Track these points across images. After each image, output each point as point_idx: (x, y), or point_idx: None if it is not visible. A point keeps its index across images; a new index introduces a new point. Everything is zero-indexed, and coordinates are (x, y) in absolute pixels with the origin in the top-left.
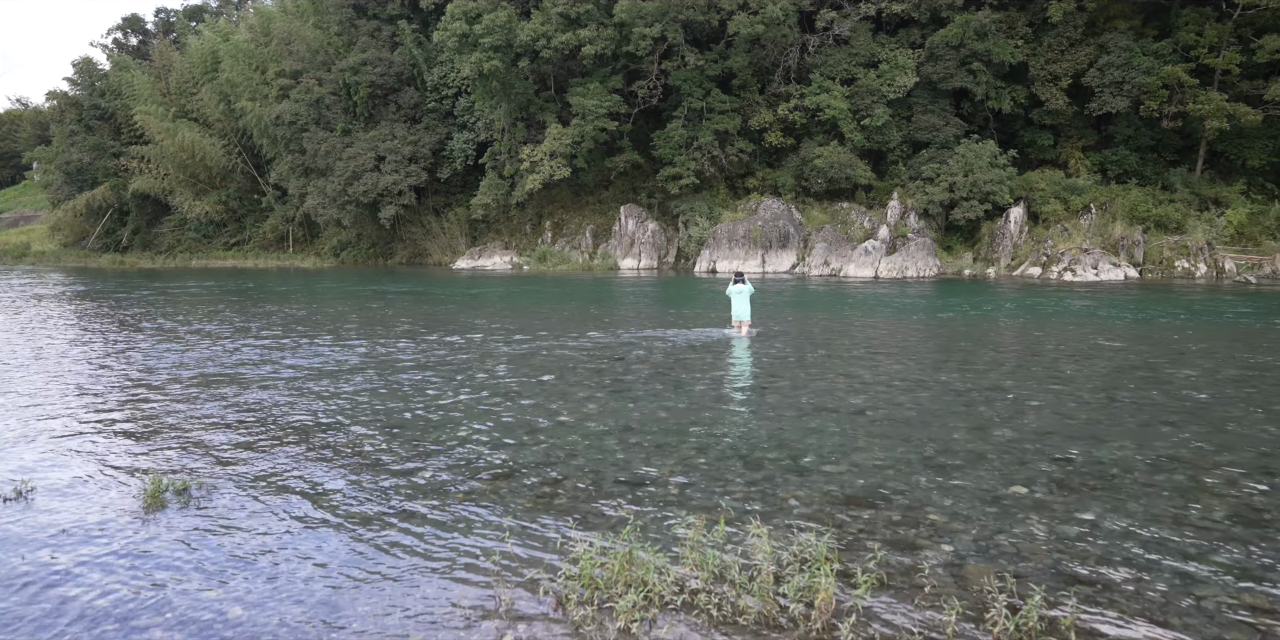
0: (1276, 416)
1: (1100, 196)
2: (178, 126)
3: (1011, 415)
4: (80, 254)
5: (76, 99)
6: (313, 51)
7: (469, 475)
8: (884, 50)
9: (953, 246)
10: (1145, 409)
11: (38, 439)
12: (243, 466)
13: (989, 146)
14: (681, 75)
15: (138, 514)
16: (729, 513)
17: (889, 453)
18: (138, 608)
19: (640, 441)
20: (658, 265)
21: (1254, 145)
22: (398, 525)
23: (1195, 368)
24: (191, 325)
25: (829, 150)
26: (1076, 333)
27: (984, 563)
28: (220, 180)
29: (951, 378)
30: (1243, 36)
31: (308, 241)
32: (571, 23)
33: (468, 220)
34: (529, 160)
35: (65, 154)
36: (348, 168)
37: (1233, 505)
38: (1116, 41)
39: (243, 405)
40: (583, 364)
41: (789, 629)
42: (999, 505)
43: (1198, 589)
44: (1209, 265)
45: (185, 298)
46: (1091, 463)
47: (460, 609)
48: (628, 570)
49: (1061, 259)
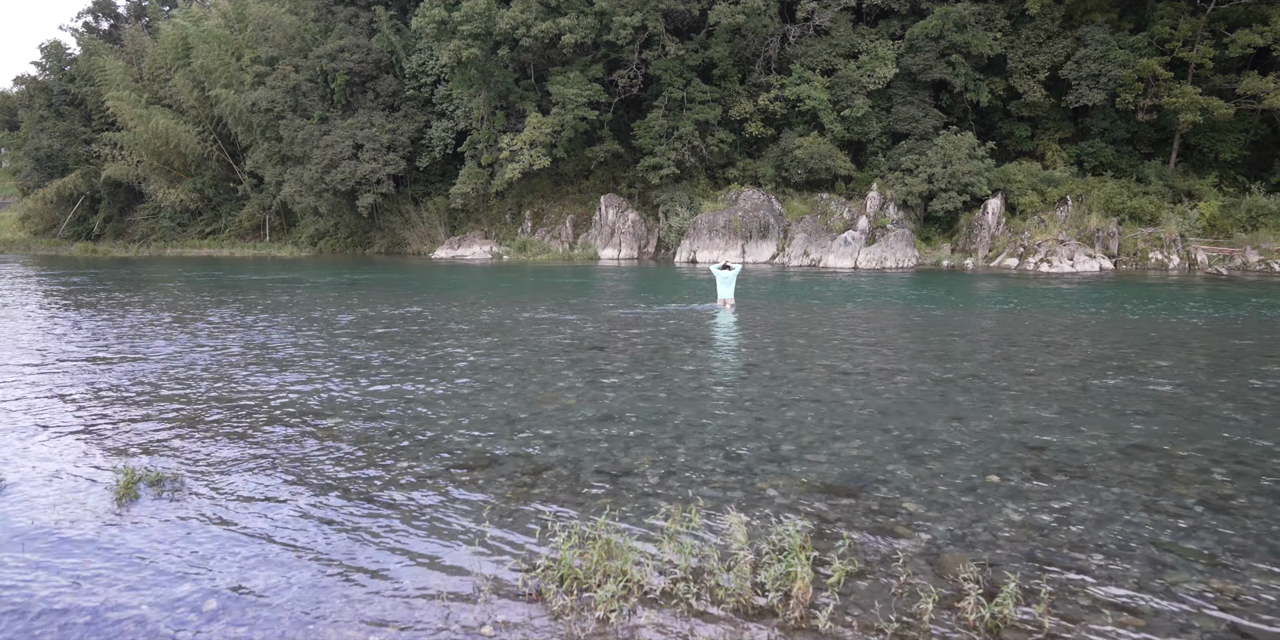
0: (1247, 405)
1: (1076, 188)
2: (151, 113)
3: (988, 404)
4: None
5: (46, 84)
6: (289, 38)
7: (448, 466)
8: (864, 41)
9: (931, 237)
10: (1118, 398)
11: (5, 431)
12: (218, 458)
13: (967, 138)
14: (662, 65)
15: (111, 506)
16: (708, 502)
17: (867, 442)
18: (110, 601)
19: (620, 431)
20: (638, 255)
21: (1226, 138)
22: (376, 516)
23: (1168, 357)
24: (167, 315)
25: (809, 141)
26: (1052, 323)
27: (960, 551)
28: (195, 168)
29: (929, 367)
30: (1216, 31)
31: (285, 230)
32: (551, 11)
33: (447, 209)
34: (509, 149)
35: (34, 140)
36: (325, 155)
37: (1203, 493)
38: (1093, 34)
39: (218, 396)
40: (562, 353)
41: (767, 617)
42: (975, 494)
43: (1169, 575)
44: (1182, 257)
45: (160, 287)
46: (1066, 451)
47: (439, 599)
48: (607, 560)
49: (1038, 250)
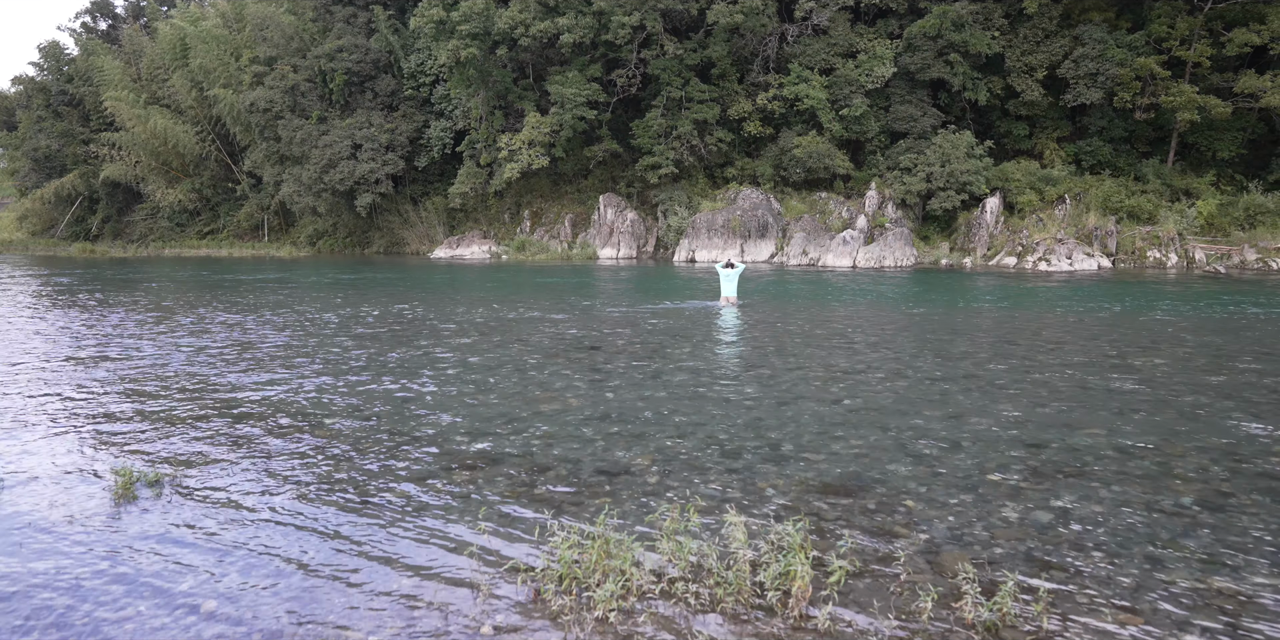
0: (1245, 404)
1: (1074, 187)
2: (149, 113)
3: (986, 403)
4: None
5: (44, 84)
6: (287, 38)
7: (447, 466)
8: (862, 40)
9: (930, 236)
10: (1116, 397)
11: (5, 431)
12: (216, 458)
13: (965, 137)
14: (660, 64)
15: (109, 507)
16: (707, 502)
17: (866, 441)
18: (109, 602)
19: (619, 431)
20: (637, 254)
21: (1224, 137)
22: (374, 516)
23: (1166, 356)
24: (165, 316)
25: (807, 140)
26: (1050, 322)
27: (959, 549)
28: (193, 168)
29: (927, 366)
30: (1213, 30)
31: (283, 230)
32: (550, 10)
33: (445, 209)
34: (507, 149)
35: (33, 140)
36: (324, 155)
37: (1201, 491)
38: (1091, 33)
39: (215, 397)
40: (561, 353)
41: (766, 617)
42: (974, 493)
43: (1167, 574)
44: (1180, 255)
45: (157, 286)
46: (1065, 450)
47: (438, 600)
48: (606, 560)
49: (1036, 249)
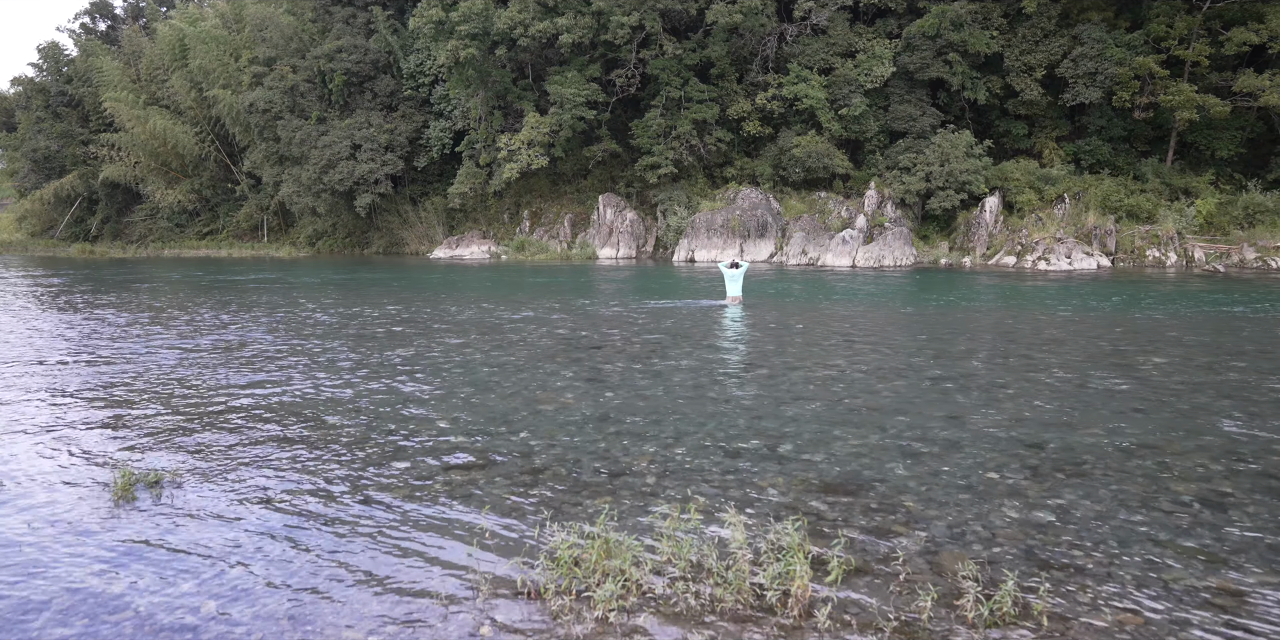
0: (1243, 403)
1: (1074, 186)
2: (149, 113)
3: (986, 402)
4: (48, 243)
5: (43, 85)
6: (286, 38)
7: (446, 466)
8: (861, 40)
9: (929, 236)
10: (1116, 396)
11: (4, 431)
12: (215, 459)
13: (965, 136)
14: (660, 64)
15: (108, 507)
16: (707, 501)
17: (865, 441)
18: (107, 601)
19: (618, 431)
20: (636, 254)
21: (1223, 136)
22: (374, 516)
23: (1165, 355)
24: (162, 317)
25: (807, 140)
26: (1049, 321)
27: (959, 549)
28: (193, 168)
29: (927, 365)
30: (1212, 29)
31: (283, 230)
32: (549, 11)
33: (445, 209)
34: (507, 149)
35: (32, 141)
36: (323, 156)
37: (1201, 490)
38: (1090, 33)
39: (214, 398)
40: (561, 352)
41: (766, 616)
42: (973, 492)
43: (1166, 572)
44: (1179, 254)
45: (155, 288)
46: (1064, 449)
47: (438, 600)
48: (605, 559)
49: (1036, 248)
